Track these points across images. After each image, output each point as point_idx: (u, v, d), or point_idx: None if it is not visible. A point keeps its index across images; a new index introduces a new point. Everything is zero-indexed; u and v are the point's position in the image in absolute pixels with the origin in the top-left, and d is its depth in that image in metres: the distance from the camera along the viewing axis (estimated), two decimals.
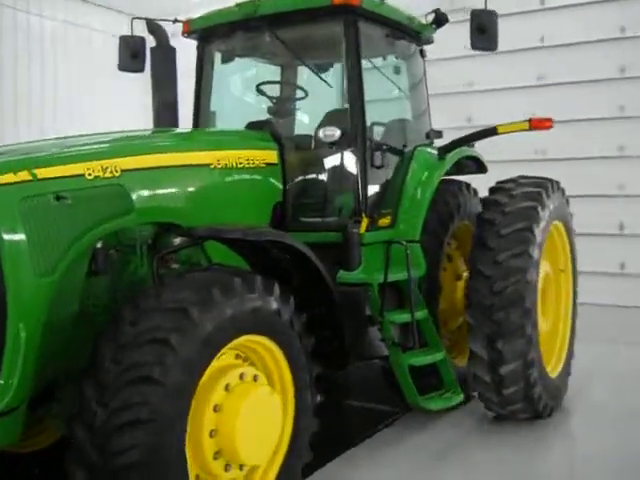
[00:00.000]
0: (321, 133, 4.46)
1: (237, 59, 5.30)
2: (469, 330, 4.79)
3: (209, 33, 5.07)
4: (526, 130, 4.85)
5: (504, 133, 4.92)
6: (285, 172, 4.64)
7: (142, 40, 5.28)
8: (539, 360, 4.87)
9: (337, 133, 4.44)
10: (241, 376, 3.23)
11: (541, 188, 5.09)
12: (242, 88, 5.51)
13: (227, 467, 3.14)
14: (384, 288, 4.48)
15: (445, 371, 4.64)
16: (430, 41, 5.60)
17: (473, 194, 5.75)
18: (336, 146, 4.56)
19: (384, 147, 4.70)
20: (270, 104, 5.22)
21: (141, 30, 5.32)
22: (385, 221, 4.84)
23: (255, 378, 3.31)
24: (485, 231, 4.88)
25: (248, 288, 3.18)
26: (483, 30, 4.74)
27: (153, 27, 5.18)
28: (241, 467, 3.25)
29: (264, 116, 5.29)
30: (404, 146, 5.12)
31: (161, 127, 5.04)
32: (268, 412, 3.27)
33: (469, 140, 5.19)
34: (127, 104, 11.97)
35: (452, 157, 5.26)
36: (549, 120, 4.79)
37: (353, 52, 4.57)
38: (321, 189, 4.82)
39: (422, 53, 5.55)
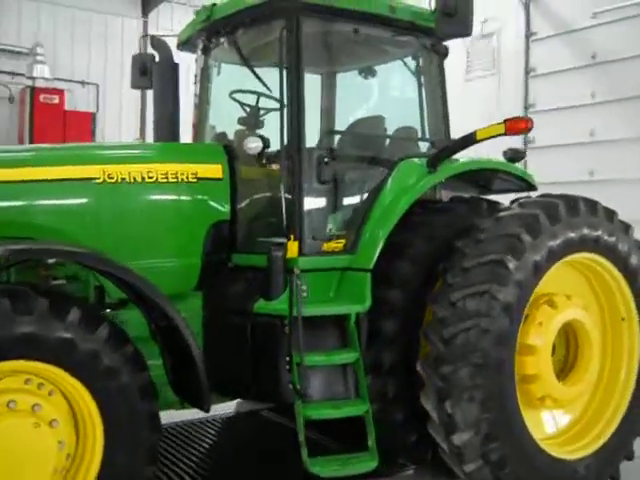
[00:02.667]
0: (245, 145, 4.02)
1: (237, 67, 5.04)
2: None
3: (191, 44, 4.91)
4: (503, 134, 3.79)
5: (483, 139, 3.91)
6: (236, 187, 4.29)
7: (151, 57, 5.32)
8: (513, 434, 3.74)
9: (259, 145, 3.97)
10: (9, 403, 3.02)
11: (541, 210, 3.91)
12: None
13: None
14: (302, 323, 3.83)
15: (368, 430, 3.78)
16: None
17: None
18: (265, 159, 4.07)
19: (327, 160, 4.03)
20: (244, 114, 4.84)
21: None
22: (335, 245, 4.16)
23: (34, 407, 3.07)
24: (451, 263, 3.92)
25: (20, 310, 2.98)
26: (451, 13, 3.82)
27: (156, 43, 5.19)
28: None
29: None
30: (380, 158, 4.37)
31: (160, 141, 5.03)
32: (28, 446, 3.00)
33: (454, 149, 4.21)
34: None
35: (447, 170, 4.32)
36: (525, 121, 3.68)
37: (293, 51, 4.03)
38: (262, 207, 4.34)
39: (435, 49, 4.67)
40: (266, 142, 4.01)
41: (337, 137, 4.54)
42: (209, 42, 4.73)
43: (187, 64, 5.31)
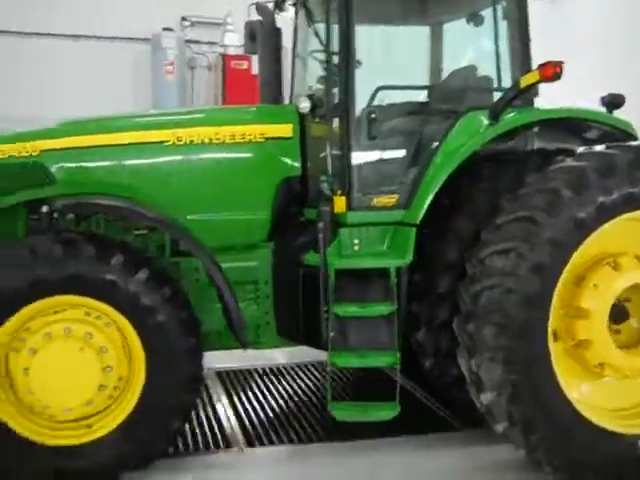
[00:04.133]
0: (298, 104, 4.22)
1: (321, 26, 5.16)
2: None
3: (281, 6, 5.14)
4: (540, 82, 3.49)
5: (526, 88, 3.65)
6: (306, 146, 4.52)
7: (258, 23, 5.64)
8: (543, 399, 3.54)
9: (307, 105, 4.15)
10: (65, 329, 3.65)
11: (594, 162, 3.55)
12: None
13: (46, 407, 3.65)
14: (342, 274, 4.00)
15: (396, 381, 3.82)
16: None
17: None
18: (317, 117, 4.22)
19: (373, 116, 4.04)
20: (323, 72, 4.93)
21: None
22: (387, 200, 4.19)
23: (86, 335, 3.67)
24: (492, 219, 3.76)
25: (71, 255, 3.59)
26: None
27: (260, 8, 5.52)
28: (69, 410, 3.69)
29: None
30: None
31: (265, 102, 5.41)
32: (75, 366, 3.61)
33: (506, 99, 3.94)
34: None
35: (510, 121, 4.08)
36: (551, 66, 3.35)
37: (342, 8, 4.10)
38: (324, 163, 4.47)
39: None
40: (316, 102, 4.16)
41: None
42: (293, 3, 4.93)
43: None
